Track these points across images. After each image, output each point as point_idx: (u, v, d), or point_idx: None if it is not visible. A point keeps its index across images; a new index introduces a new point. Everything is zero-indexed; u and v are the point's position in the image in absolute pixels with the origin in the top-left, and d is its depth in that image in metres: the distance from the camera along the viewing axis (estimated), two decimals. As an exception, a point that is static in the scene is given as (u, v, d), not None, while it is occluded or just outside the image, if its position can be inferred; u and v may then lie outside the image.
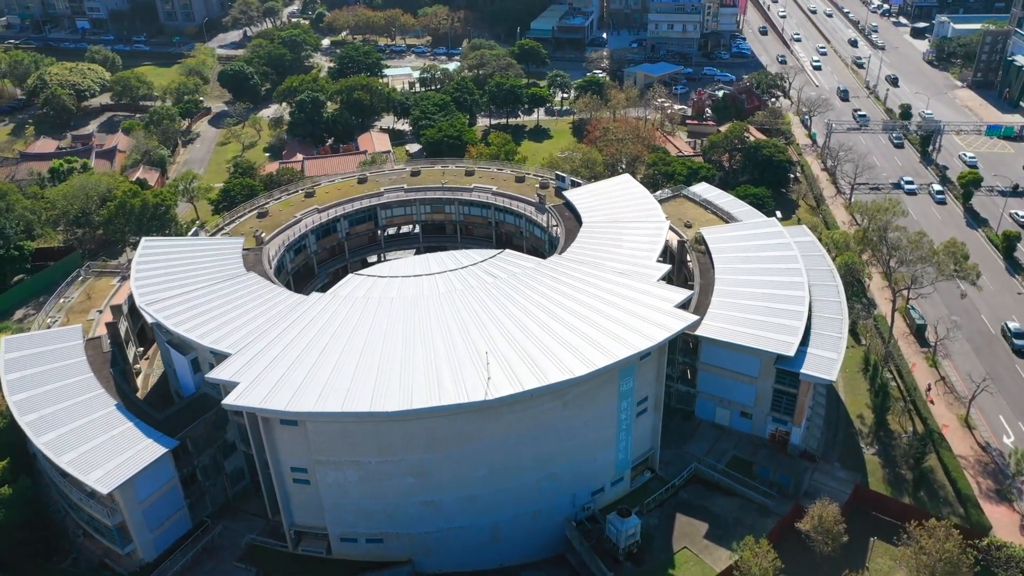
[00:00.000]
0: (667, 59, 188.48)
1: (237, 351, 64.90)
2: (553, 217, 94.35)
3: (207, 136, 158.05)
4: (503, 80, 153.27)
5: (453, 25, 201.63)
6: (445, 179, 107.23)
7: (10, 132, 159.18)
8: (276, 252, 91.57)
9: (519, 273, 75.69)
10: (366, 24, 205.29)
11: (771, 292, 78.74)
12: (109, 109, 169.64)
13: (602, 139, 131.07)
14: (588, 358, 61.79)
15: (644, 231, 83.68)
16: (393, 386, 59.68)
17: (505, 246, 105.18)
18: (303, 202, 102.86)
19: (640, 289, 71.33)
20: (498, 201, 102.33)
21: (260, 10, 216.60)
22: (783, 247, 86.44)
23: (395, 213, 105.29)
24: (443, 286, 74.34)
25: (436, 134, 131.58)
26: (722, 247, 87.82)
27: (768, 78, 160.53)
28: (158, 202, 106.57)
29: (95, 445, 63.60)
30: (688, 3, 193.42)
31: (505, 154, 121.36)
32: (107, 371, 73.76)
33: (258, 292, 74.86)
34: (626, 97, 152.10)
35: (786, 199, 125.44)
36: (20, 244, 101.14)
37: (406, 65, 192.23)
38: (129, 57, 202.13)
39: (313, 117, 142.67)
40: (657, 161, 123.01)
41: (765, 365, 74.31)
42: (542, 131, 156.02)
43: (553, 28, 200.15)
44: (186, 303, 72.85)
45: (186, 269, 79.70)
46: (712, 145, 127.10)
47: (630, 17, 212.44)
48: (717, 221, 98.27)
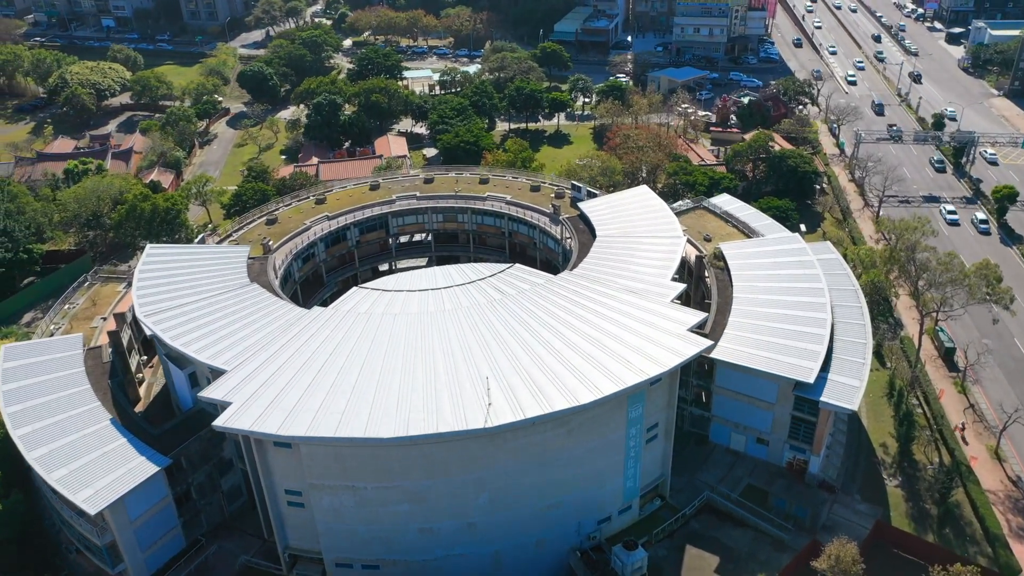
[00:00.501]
0: (692, 63, 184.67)
1: (233, 368, 63.00)
2: (567, 229, 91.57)
3: (224, 137, 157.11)
4: (523, 84, 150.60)
5: (476, 27, 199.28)
6: (459, 187, 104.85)
7: (30, 131, 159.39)
8: (283, 261, 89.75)
9: (528, 290, 73.05)
10: (388, 25, 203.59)
11: (791, 313, 75.43)
12: (129, 109, 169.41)
13: (622, 146, 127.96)
14: (594, 384, 59.02)
15: (659, 247, 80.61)
16: (390, 410, 57.37)
17: (519, 257, 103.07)
18: (313, 209, 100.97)
19: (652, 310, 68.35)
20: (511, 211, 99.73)
21: (283, 10, 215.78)
22: (805, 265, 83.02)
23: (407, 221, 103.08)
24: (449, 302, 71.91)
25: (452, 139, 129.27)
26: (741, 264, 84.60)
27: (796, 84, 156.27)
28: (168, 206, 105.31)
29: (87, 462, 62.01)
30: (715, 6, 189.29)
31: (522, 161, 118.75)
32: (105, 383, 72.34)
33: (259, 305, 72.92)
34: (648, 103, 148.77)
35: (811, 211, 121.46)
36: (29, 247, 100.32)
37: (427, 67, 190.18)
38: (152, 56, 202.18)
39: (330, 120, 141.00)
40: (678, 170, 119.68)
41: (783, 391, 71.06)
42: (562, 136, 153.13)
43: (577, 30, 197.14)
44: (185, 315, 71.12)
45: (188, 279, 78.04)
46: (735, 154, 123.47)
47: (656, 20, 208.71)
48: (738, 235, 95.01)
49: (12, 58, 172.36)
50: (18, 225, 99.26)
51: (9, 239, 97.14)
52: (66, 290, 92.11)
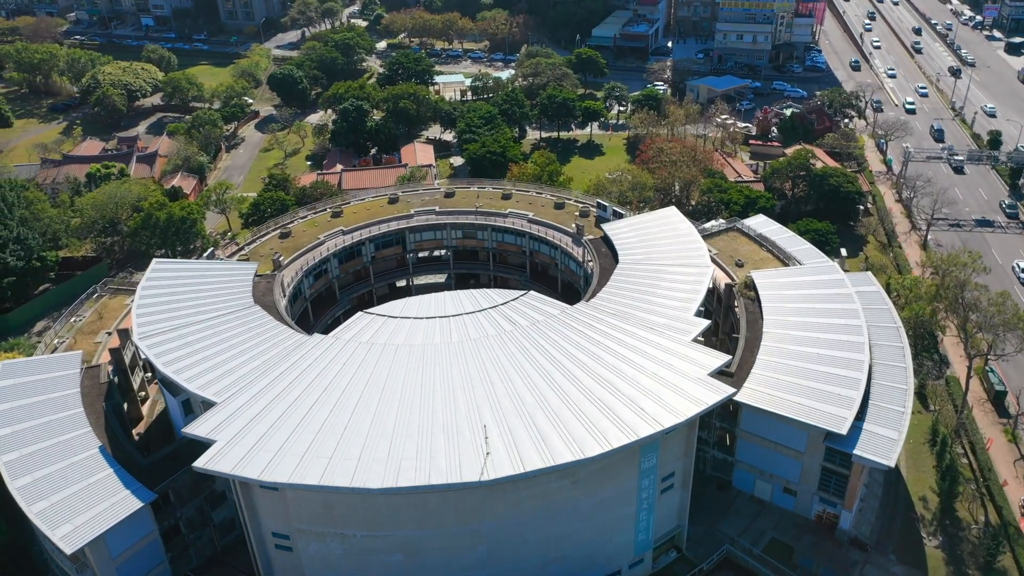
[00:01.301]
0: (734, 71, 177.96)
1: (222, 400, 59.76)
2: (588, 252, 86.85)
3: (252, 141, 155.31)
4: (555, 92, 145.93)
5: (511, 30, 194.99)
6: (480, 202, 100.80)
7: (62, 131, 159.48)
8: (292, 279, 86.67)
9: (540, 322, 68.68)
10: (423, 27, 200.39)
11: (825, 353, 69.86)
12: (160, 110, 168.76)
13: (654, 160, 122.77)
14: (603, 435, 54.41)
15: (685, 277, 75.51)
16: (380, 456, 53.48)
17: (540, 277, 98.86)
18: (329, 223, 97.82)
19: (672, 350, 63.42)
20: (533, 230, 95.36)
21: (319, 11, 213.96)
22: (843, 298, 77.22)
23: (424, 237, 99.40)
24: (456, 333, 67.94)
25: (479, 149, 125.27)
26: (774, 295, 79.12)
27: (842, 96, 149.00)
28: (184, 215, 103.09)
29: (70, 494, 59.31)
30: (760, 12, 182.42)
31: (548, 175, 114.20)
32: (100, 406, 69.70)
33: (259, 330, 69.66)
34: (685, 113, 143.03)
35: (853, 234, 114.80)
36: (43, 255, 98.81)
37: (460, 71, 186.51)
38: (187, 56, 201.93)
39: (356, 126, 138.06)
40: (712, 187, 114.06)
41: (813, 440, 65.63)
42: (594, 147, 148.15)
43: (615, 35, 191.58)
44: (182, 339, 68.19)
45: (190, 298, 75.20)
46: (774, 172, 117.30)
47: (698, 25, 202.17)
48: (772, 261, 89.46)
49: (48, 57, 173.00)
50: (31, 233, 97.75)
51: (22, 247, 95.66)
52: (78, 299, 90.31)
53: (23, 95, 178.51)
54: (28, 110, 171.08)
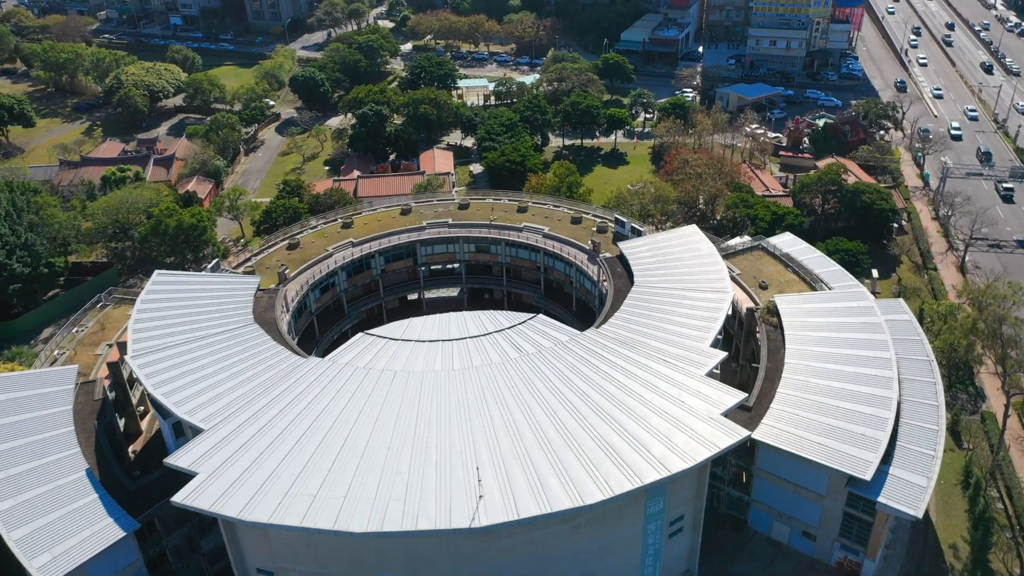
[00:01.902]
0: (766, 79, 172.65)
1: (210, 427, 57.28)
2: (603, 271, 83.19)
3: (271, 144, 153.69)
4: (579, 99, 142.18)
5: (538, 33, 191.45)
6: (494, 215, 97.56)
7: (84, 131, 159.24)
8: (297, 293, 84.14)
9: (547, 349, 65.34)
10: (449, 29, 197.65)
11: (851, 388, 65.61)
12: (182, 111, 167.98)
13: (679, 172, 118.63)
14: (605, 480, 50.91)
15: (702, 303, 71.60)
16: (367, 496, 50.51)
17: (554, 294, 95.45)
18: (338, 233, 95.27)
19: (685, 385, 59.67)
20: (548, 245, 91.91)
21: (345, 11, 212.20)
22: (872, 328, 72.77)
23: (436, 251, 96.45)
24: (458, 359, 64.86)
25: (498, 158, 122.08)
26: (797, 322, 74.92)
27: (877, 107, 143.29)
28: (194, 222, 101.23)
29: (52, 520, 57.15)
30: (794, 17, 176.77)
31: (568, 187, 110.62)
32: (92, 424, 67.72)
33: (255, 351, 67.17)
34: (713, 122, 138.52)
35: (886, 253, 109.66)
36: (51, 260, 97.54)
37: (486, 74, 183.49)
38: (213, 56, 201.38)
39: (375, 132, 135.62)
40: (738, 202, 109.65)
41: (834, 483, 61.51)
42: (618, 156, 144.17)
43: (645, 40, 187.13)
44: (175, 358, 65.87)
45: (188, 314, 72.99)
46: (803, 186, 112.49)
47: (730, 30, 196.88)
48: (798, 283, 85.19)
49: (73, 57, 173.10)
50: (40, 239, 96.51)
51: (29, 253, 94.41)
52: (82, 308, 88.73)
53: (49, 94, 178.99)
54: (53, 109, 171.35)
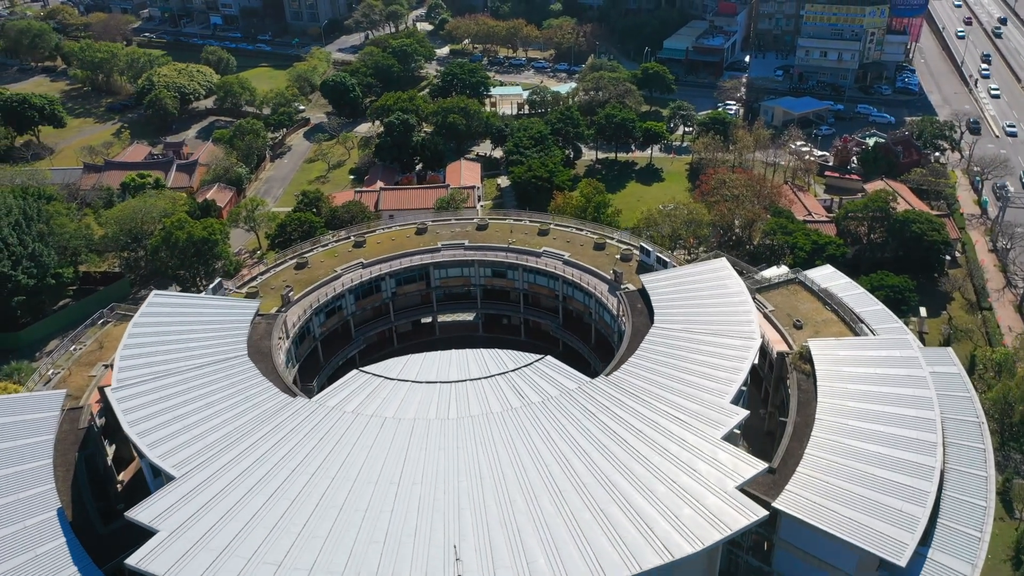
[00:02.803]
0: (815, 92, 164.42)
1: (181, 474, 53.38)
2: (623, 305, 77.51)
3: (298, 150, 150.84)
4: (614, 111, 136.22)
5: (577, 40, 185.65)
6: (513, 238, 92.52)
7: (114, 132, 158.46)
8: (299, 319, 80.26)
9: (552, 399, 60.17)
10: (487, 34, 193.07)
11: (888, 453, 58.95)
12: (213, 113, 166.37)
13: (715, 192, 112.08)
14: (598, 561, 45.53)
15: (726, 350, 65.59)
16: (336, 568, 45.89)
17: (573, 324, 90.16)
18: (349, 253, 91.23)
19: (699, 450, 53.89)
20: (567, 273, 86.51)
21: (383, 13, 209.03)
22: (915, 383, 65.84)
23: (451, 274, 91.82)
24: (454, 406, 60.06)
25: (524, 173, 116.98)
26: (832, 372, 68.29)
27: (933, 126, 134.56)
28: (205, 236, 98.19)
29: (14, 566, 53.83)
30: (847, 28, 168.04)
31: (595, 207, 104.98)
32: (73, 456, 64.61)
33: (241, 386, 63.23)
34: (754, 139, 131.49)
35: (936, 289, 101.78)
36: (59, 272, 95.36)
37: (521, 82, 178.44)
38: (249, 57, 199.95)
39: (401, 141, 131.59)
40: (776, 228, 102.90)
41: (864, 564, 55.00)
42: (653, 171, 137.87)
43: (688, 48, 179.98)
44: (157, 392, 62.34)
45: (180, 341, 69.52)
46: (847, 214, 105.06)
47: (779, 39, 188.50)
48: (836, 324, 78.44)
49: (109, 57, 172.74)
50: (47, 249, 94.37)
51: (36, 264, 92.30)
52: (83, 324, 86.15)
53: (85, 93, 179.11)
54: (87, 109, 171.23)
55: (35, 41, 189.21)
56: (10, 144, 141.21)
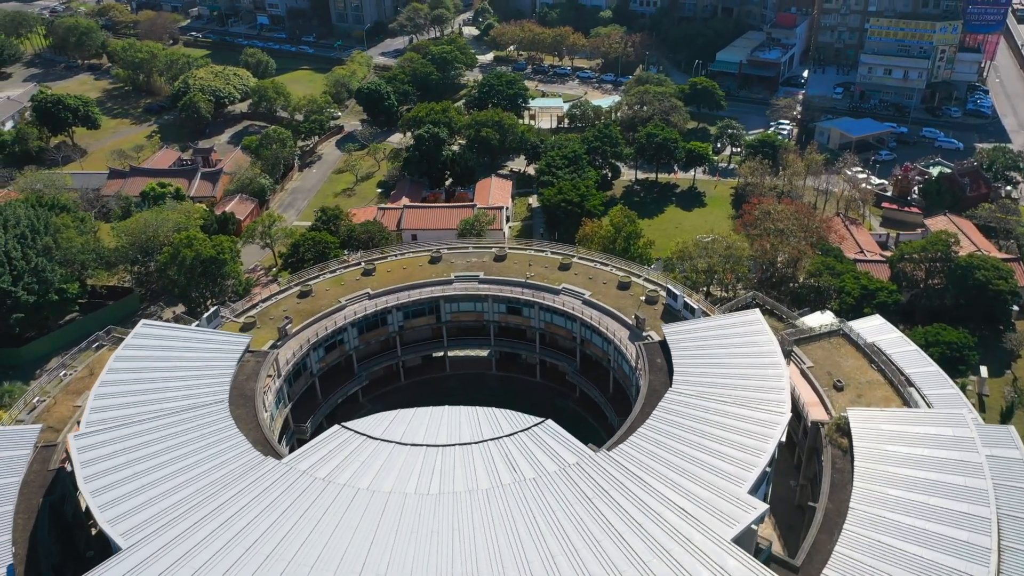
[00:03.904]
0: (876, 112, 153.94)
1: (127, 546, 48.47)
2: (641, 359, 70.42)
3: (328, 160, 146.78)
4: (655, 130, 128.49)
5: (626, 49, 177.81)
6: (531, 271, 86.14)
7: (147, 135, 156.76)
8: (294, 355, 75.29)
9: (546, 476, 53.66)
10: (532, 41, 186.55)
11: (931, 557, 50.92)
12: (247, 117, 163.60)
13: (758, 224, 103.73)
14: None
15: (749, 425, 58.12)
16: None
17: (591, 369, 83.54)
18: (357, 281, 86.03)
19: (703, 556, 46.67)
20: (585, 315, 79.76)
21: (428, 17, 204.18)
22: (969, 470, 57.41)
23: (462, 308, 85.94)
24: (437, 478, 54.00)
25: (554, 196, 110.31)
26: (872, 450, 60.28)
27: (1006, 156, 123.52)
28: (213, 255, 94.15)
29: (-50, 632, 50.00)
30: (915, 44, 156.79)
31: (625, 238, 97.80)
32: (37, 502, 60.55)
33: (211, 441, 58.15)
34: (806, 164, 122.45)
35: (1000, 345, 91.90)
36: (63, 287, 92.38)
37: (565, 92, 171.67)
38: (291, 59, 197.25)
39: (430, 155, 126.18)
40: (823, 268, 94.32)
41: None
42: (695, 195, 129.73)
43: (742, 61, 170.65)
44: (122, 442, 57.63)
45: (159, 380, 65.00)
46: (903, 256, 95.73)
47: (840, 54, 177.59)
48: (882, 387, 70.31)
49: (149, 57, 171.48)
50: (51, 264, 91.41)
51: (38, 279, 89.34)
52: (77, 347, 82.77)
53: (125, 92, 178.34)
54: (125, 109, 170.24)
55: (81, 39, 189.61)
56: (42, 145, 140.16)
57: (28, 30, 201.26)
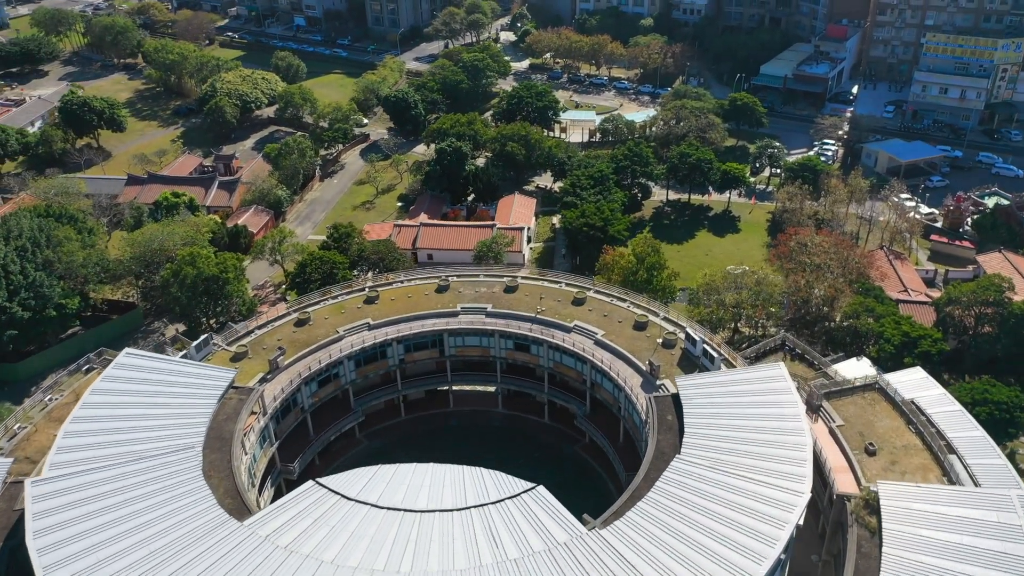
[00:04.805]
0: (929, 134, 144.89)
1: (66, 618, 44.60)
2: (651, 414, 64.50)
3: (351, 169, 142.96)
4: (689, 150, 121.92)
5: (665, 60, 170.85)
6: (543, 306, 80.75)
7: (173, 139, 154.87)
8: (284, 390, 71.05)
9: (532, 554, 48.43)
10: (569, 49, 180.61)
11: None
12: (274, 123, 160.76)
13: (794, 257, 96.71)
14: None
15: (763, 505, 51.99)
16: None
17: (601, 414, 78.42)
18: (359, 309, 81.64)
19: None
20: (596, 357, 74.10)
21: (465, 22, 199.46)
22: (1013, 564, 50.76)
23: (467, 343, 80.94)
24: (410, 553, 49.15)
25: (576, 219, 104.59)
26: (903, 535, 53.94)
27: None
28: (216, 273, 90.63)
29: None
30: (974, 62, 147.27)
31: (647, 270, 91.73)
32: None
33: (174, 495, 53.94)
34: (849, 191, 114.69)
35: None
36: (62, 303, 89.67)
37: (599, 103, 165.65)
38: (324, 62, 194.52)
39: (452, 171, 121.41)
40: (861, 310, 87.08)
41: None
42: (729, 219, 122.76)
43: (787, 76, 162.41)
44: (81, 491, 53.83)
45: (133, 418, 61.27)
46: (950, 301, 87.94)
47: (893, 69, 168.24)
48: (919, 452, 63.91)
49: (180, 59, 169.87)
50: (50, 279, 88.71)
51: (35, 295, 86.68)
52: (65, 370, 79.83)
53: (157, 93, 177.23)
54: (154, 111, 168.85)
55: (117, 38, 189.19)
56: (65, 147, 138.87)
57: (68, 28, 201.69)
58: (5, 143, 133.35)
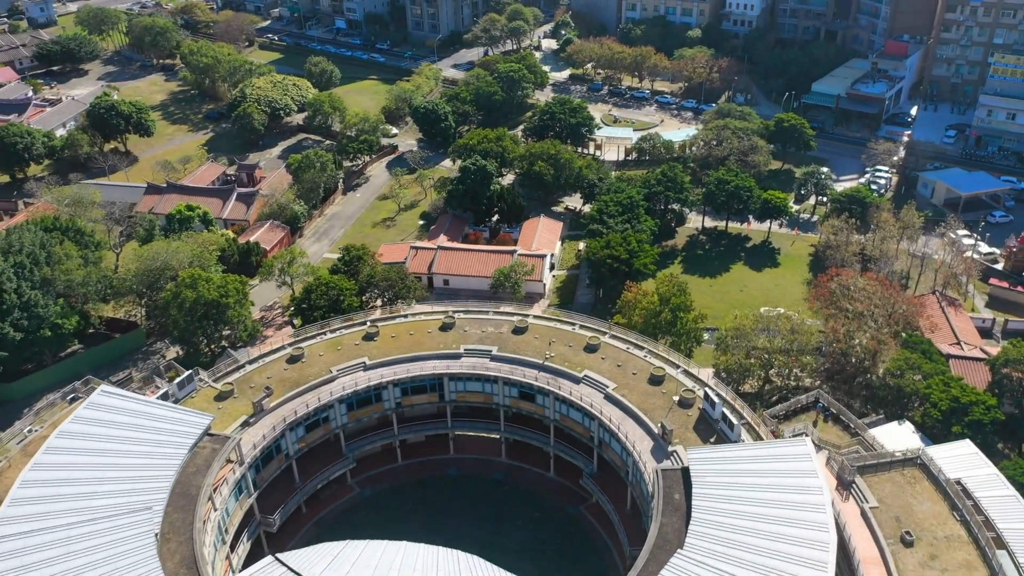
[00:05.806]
0: (994, 162, 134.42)
1: None
2: (658, 490, 57.93)
3: (376, 182, 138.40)
4: (728, 176, 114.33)
5: (711, 74, 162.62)
6: (552, 352, 74.77)
7: (201, 144, 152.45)
8: (265, 437, 66.39)
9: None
10: (611, 60, 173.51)
11: None
12: (303, 130, 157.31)
13: (834, 301, 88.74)
14: None
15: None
16: None
17: (609, 475, 71.88)
18: (356, 347, 76.83)
19: None
20: (604, 414, 67.84)
21: (506, 29, 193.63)
22: None
23: (469, 388, 75.43)
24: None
25: (600, 250, 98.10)
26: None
27: None
28: (216, 298, 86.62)
29: None
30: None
31: (671, 311, 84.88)
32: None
33: (119, 566, 49.58)
34: (900, 226, 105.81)
35: (1126, 482, 74.56)
36: (58, 323, 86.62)
37: (638, 118, 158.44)
38: (361, 67, 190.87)
39: (476, 190, 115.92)
40: (905, 367, 78.98)
41: None
42: (769, 251, 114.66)
43: (840, 95, 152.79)
44: (27, 555, 49.98)
45: (97, 467, 57.43)
46: (1007, 362, 79.11)
47: (957, 90, 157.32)
48: (962, 546, 57.40)
49: (213, 63, 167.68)
50: (45, 299, 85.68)
51: (29, 315, 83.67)
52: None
53: (191, 96, 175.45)
54: (186, 114, 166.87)
55: (157, 39, 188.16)
56: (90, 151, 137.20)
57: (111, 27, 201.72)
58: (31, 146, 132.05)
